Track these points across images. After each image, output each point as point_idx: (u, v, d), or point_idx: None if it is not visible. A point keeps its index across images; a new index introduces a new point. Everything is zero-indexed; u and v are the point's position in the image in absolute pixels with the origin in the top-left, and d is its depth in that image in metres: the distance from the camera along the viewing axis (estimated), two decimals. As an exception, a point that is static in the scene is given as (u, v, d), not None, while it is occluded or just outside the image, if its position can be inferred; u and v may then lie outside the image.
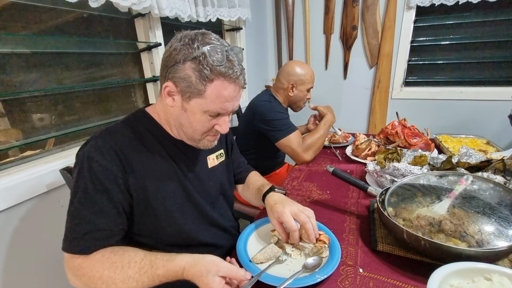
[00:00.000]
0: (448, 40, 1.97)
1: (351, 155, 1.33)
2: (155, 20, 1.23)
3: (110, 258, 0.57)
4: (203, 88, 0.61)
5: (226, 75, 0.61)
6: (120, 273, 0.55)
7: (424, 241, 0.61)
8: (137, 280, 0.55)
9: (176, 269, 0.56)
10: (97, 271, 0.56)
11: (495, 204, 0.71)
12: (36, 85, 0.92)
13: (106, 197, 0.60)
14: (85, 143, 0.65)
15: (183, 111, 0.65)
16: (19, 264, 0.83)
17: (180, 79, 0.61)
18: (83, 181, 0.59)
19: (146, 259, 0.57)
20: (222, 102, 0.63)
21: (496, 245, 0.59)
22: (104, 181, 0.60)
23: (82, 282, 0.57)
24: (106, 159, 0.60)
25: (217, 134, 0.72)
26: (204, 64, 0.59)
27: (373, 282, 0.61)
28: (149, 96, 1.37)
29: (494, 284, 0.51)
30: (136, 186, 0.64)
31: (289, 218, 0.68)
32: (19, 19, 0.88)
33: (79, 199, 0.59)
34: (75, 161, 0.64)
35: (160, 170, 0.69)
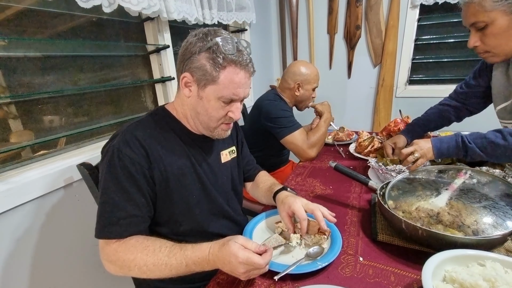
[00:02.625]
0: (452, 38, 1.97)
1: (354, 152, 1.36)
2: (164, 23, 1.28)
3: (144, 243, 0.63)
4: (216, 75, 0.67)
5: (237, 62, 0.67)
6: (151, 256, 0.60)
7: (422, 230, 0.63)
8: (166, 262, 0.59)
9: (203, 249, 0.60)
10: (131, 254, 0.61)
11: (492, 196, 0.73)
12: (51, 87, 0.98)
13: (135, 186, 0.66)
14: (111, 138, 0.71)
15: (199, 99, 0.71)
16: (41, 254, 0.89)
17: (196, 68, 0.67)
18: (114, 171, 0.65)
19: (176, 245, 0.63)
20: (234, 88, 0.69)
21: (491, 234, 0.62)
22: (133, 172, 0.65)
23: (117, 266, 0.63)
24: (134, 151, 0.66)
25: (230, 122, 0.76)
26: (217, 53, 0.65)
27: (372, 270, 0.64)
28: (157, 96, 1.42)
29: (487, 269, 0.53)
30: (159, 177, 0.70)
31: (300, 207, 0.73)
32: (36, 24, 0.93)
33: (111, 189, 0.64)
34: (103, 154, 0.70)
35: (180, 163, 0.74)
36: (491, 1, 0.77)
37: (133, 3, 0.96)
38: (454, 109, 1.20)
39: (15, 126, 0.90)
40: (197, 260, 0.59)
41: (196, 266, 0.60)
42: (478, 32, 0.84)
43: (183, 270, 0.60)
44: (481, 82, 1.09)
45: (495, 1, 0.77)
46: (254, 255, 0.55)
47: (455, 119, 1.23)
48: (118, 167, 0.65)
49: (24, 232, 0.85)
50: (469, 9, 0.83)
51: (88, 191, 0.84)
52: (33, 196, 0.84)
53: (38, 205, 0.87)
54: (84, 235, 1.00)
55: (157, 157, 0.69)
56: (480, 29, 0.83)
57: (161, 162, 0.70)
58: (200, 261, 0.59)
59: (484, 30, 0.83)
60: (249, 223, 0.82)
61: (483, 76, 1.07)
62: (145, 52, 1.33)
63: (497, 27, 0.80)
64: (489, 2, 0.78)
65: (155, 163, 0.69)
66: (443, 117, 1.22)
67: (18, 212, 0.82)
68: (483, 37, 0.84)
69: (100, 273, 1.06)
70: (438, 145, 0.90)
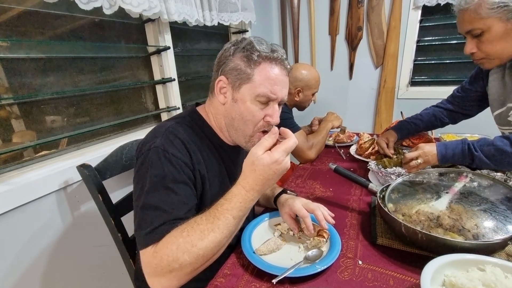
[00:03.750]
0: (455, 39, 1.96)
1: (355, 154, 1.35)
2: (164, 25, 1.29)
3: (178, 229, 0.55)
4: (251, 72, 0.65)
5: (272, 58, 0.66)
6: (193, 233, 0.54)
7: (421, 234, 0.63)
8: (211, 228, 0.54)
9: (236, 192, 0.57)
10: (172, 243, 0.53)
11: (493, 200, 0.72)
12: (52, 88, 0.98)
13: (184, 187, 0.62)
14: (148, 139, 0.65)
15: (233, 103, 0.68)
16: (39, 257, 0.89)
17: (231, 70, 0.67)
18: (160, 172, 0.60)
19: (208, 210, 0.57)
20: (271, 84, 0.66)
21: (491, 238, 0.61)
22: (182, 172, 0.62)
23: (161, 273, 0.53)
24: (180, 151, 0.63)
25: (268, 130, 0.70)
26: (252, 50, 0.65)
27: (371, 273, 0.64)
28: (158, 97, 1.42)
29: (487, 274, 0.53)
30: (199, 181, 0.68)
31: (301, 207, 0.74)
32: (37, 25, 0.94)
33: (158, 191, 0.59)
34: (142, 157, 0.63)
35: (215, 170, 0.73)
36: (486, 9, 0.77)
37: (134, 4, 0.96)
38: (448, 112, 1.22)
39: (17, 126, 0.91)
40: (239, 205, 0.56)
41: (242, 210, 0.57)
42: (474, 39, 0.84)
43: (233, 225, 0.56)
44: (477, 87, 1.10)
45: (491, 8, 0.77)
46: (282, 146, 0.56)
47: (448, 121, 1.24)
48: (165, 167, 0.60)
49: (24, 233, 0.85)
50: (464, 16, 0.83)
51: (88, 193, 0.84)
52: (33, 197, 0.84)
53: (38, 207, 0.87)
54: (84, 236, 1.00)
55: (198, 161, 0.67)
56: (476, 36, 0.83)
57: (201, 166, 0.68)
58: (243, 204, 0.56)
59: (480, 37, 0.83)
60: (248, 225, 0.82)
61: (478, 81, 1.08)
62: (145, 54, 1.33)
63: (493, 34, 0.80)
64: (485, 10, 0.77)
65: (196, 166, 0.66)
66: (436, 118, 1.24)
67: (18, 214, 0.83)
68: (479, 44, 0.84)
69: (101, 273, 1.06)
70: (443, 152, 0.90)
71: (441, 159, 0.90)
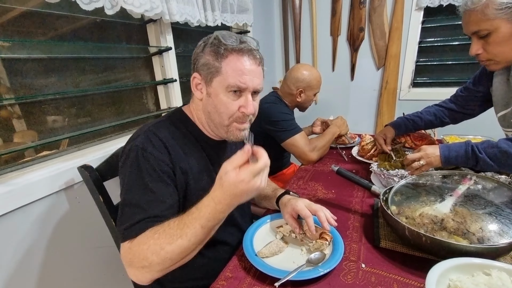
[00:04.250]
0: (457, 41, 1.95)
1: (357, 156, 1.34)
2: (166, 25, 1.28)
3: (152, 229, 0.58)
4: (219, 65, 0.66)
5: (239, 49, 0.66)
6: (163, 237, 0.56)
7: (425, 238, 0.62)
8: (179, 234, 0.55)
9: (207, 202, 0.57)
10: (144, 244, 0.56)
11: (498, 203, 0.71)
12: (53, 88, 0.98)
13: (161, 185, 0.63)
14: (131, 139, 0.69)
15: (208, 97, 0.70)
16: (39, 258, 0.89)
17: (202, 65, 0.69)
18: (138, 171, 0.63)
19: (181, 216, 0.59)
20: (239, 74, 0.66)
21: (497, 242, 0.60)
22: (159, 170, 0.64)
23: (137, 268, 0.57)
24: (158, 150, 0.65)
25: (245, 119, 0.72)
26: (219, 45, 0.66)
27: (375, 277, 0.63)
28: (159, 98, 1.42)
29: (493, 279, 0.52)
30: (180, 179, 0.68)
31: (303, 207, 0.73)
32: (39, 25, 0.93)
33: (134, 189, 0.62)
34: (124, 155, 0.66)
35: (198, 166, 0.73)
36: (493, 9, 0.76)
37: (136, 5, 0.96)
38: (450, 111, 1.22)
39: (18, 126, 0.90)
40: (208, 216, 0.56)
41: (211, 220, 0.57)
42: (480, 40, 0.83)
43: (201, 234, 0.57)
44: (480, 88, 1.09)
45: (498, 9, 0.76)
46: (250, 167, 0.54)
47: (449, 120, 1.24)
48: (143, 167, 0.63)
49: (25, 234, 0.85)
50: (470, 17, 0.81)
51: (88, 194, 0.84)
52: (34, 198, 0.84)
53: (39, 208, 0.87)
54: (84, 237, 1.00)
55: (178, 158, 0.68)
56: (482, 37, 0.82)
57: (182, 163, 0.69)
58: (212, 215, 0.56)
59: (486, 38, 0.82)
60: (250, 227, 0.81)
61: (482, 82, 1.07)
62: (147, 54, 1.33)
63: (500, 35, 0.79)
64: (492, 10, 0.76)
65: (177, 164, 0.67)
66: (436, 117, 1.23)
67: (19, 214, 0.82)
68: (485, 45, 0.83)
69: (102, 274, 1.05)
70: (447, 153, 0.89)
71: (444, 161, 0.89)
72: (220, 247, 0.80)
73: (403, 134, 1.34)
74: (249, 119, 0.73)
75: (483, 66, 0.99)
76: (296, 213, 0.75)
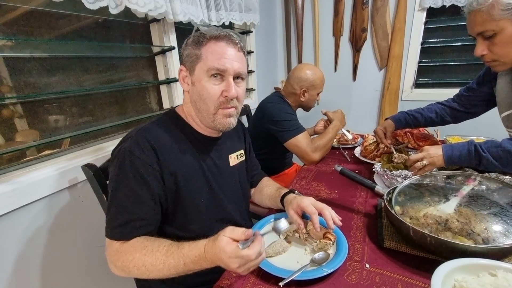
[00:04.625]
0: (460, 41, 1.95)
1: (360, 156, 1.34)
2: (169, 25, 1.29)
3: (143, 243, 0.62)
4: (199, 52, 0.69)
5: (217, 36, 0.69)
6: (149, 256, 0.59)
7: (430, 238, 0.62)
8: (164, 261, 0.58)
9: (199, 246, 0.58)
10: (130, 254, 0.61)
11: (502, 204, 0.71)
12: (57, 87, 0.98)
13: (146, 188, 0.65)
14: (122, 140, 0.71)
15: (193, 86, 0.72)
16: (45, 255, 0.89)
17: (186, 57, 0.72)
18: (124, 174, 0.65)
19: (174, 244, 0.61)
20: (218, 58, 0.68)
21: (502, 242, 0.60)
22: (144, 174, 0.65)
23: (117, 267, 0.62)
24: (145, 153, 0.66)
25: (228, 103, 0.72)
26: (199, 35, 0.70)
27: (379, 277, 0.63)
28: (162, 97, 1.42)
29: (499, 280, 0.52)
30: (169, 179, 0.69)
31: (309, 204, 0.74)
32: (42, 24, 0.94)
33: (121, 191, 0.65)
34: (113, 157, 0.69)
35: (189, 166, 0.74)
36: (499, 10, 0.76)
37: (140, 4, 0.96)
38: (452, 110, 1.23)
39: (20, 125, 0.90)
40: (194, 259, 0.57)
41: (195, 264, 0.57)
42: (486, 40, 0.83)
43: (182, 269, 0.58)
44: (484, 88, 1.09)
45: (504, 9, 0.75)
46: (238, 250, 0.53)
47: (450, 119, 1.24)
48: (129, 170, 0.64)
49: (29, 232, 0.85)
50: (476, 18, 0.81)
51: (92, 192, 0.84)
52: (37, 196, 0.84)
53: (42, 206, 0.87)
54: (88, 236, 1.00)
55: (167, 159, 0.69)
56: (487, 38, 0.82)
57: (171, 164, 0.69)
58: (197, 259, 0.57)
59: (492, 39, 0.81)
60: (253, 226, 0.81)
61: (486, 82, 1.07)
62: (150, 54, 1.33)
63: (506, 36, 0.79)
64: (498, 11, 0.76)
65: (165, 165, 0.68)
66: (437, 115, 1.24)
67: (23, 213, 0.82)
68: (491, 46, 0.83)
69: (104, 273, 1.05)
70: (449, 153, 0.88)
71: (447, 160, 0.89)
72: None
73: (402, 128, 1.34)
74: (234, 104, 0.73)
75: (487, 67, 0.99)
76: (301, 210, 0.76)
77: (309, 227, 0.78)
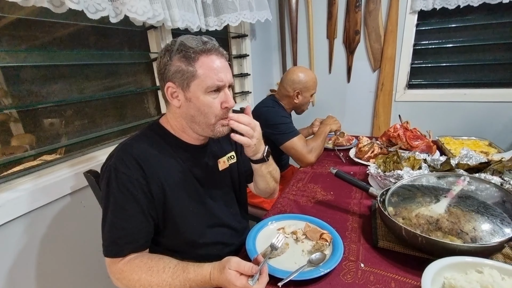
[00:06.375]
0: (451, 43, 2.00)
1: (354, 157, 1.37)
2: (167, 32, 1.31)
3: (148, 263, 0.65)
4: (193, 69, 0.68)
5: (207, 50, 0.69)
6: (156, 277, 0.62)
7: (421, 238, 0.65)
8: (170, 283, 0.62)
9: (205, 273, 0.62)
10: (136, 274, 0.63)
11: (490, 204, 0.75)
12: (58, 95, 1.00)
13: (134, 203, 0.67)
14: (108, 157, 0.72)
15: (189, 103, 0.71)
16: (48, 260, 0.90)
17: (174, 73, 0.69)
18: (112, 191, 0.66)
19: (179, 265, 0.65)
20: (215, 73, 0.69)
21: (488, 241, 0.63)
22: (131, 189, 0.67)
23: (123, 284, 0.65)
24: (130, 169, 0.67)
25: (227, 115, 0.74)
26: (186, 50, 0.67)
27: (373, 276, 0.66)
28: (160, 102, 1.44)
29: (485, 276, 0.55)
30: (157, 192, 0.71)
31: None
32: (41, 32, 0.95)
33: (111, 208, 0.67)
34: (101, 174, 0.71)
35: (176, 176, 0.75)
36: None
37: (139, 13, 0.98)
38: None
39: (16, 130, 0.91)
40: (199, 283, 0.62)
41: (199, 286, 0.63)
42: None
43: None
44: None
45: None
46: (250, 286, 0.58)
47: None
48: (115, 186, 0.66)
49: (33, 239, 0.86)
50: None
51: (94, 198, 0.86)
52: (41, 203, 0.86)
53: (46, 212, 0.89)
54: (91, 241, 1.01)
55: (153, 173, 0.70)
56: None
57: (157, 176, 0.71)
58: (202, 284, 0.62)
59: None
60: (252, 229, 0.84)
61: None
62: (148, 60, 1.35)
63: None
64: None
65: (151, 179, 0.69)
66: None
67: (27, 219, 0.84)
68: None
69: (105, 278, 1.07)
70: None
71: None
72: (214, 246, 0.83)
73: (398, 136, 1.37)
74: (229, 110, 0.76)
75: None
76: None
77: (306, 229, 0.81)
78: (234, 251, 0.86)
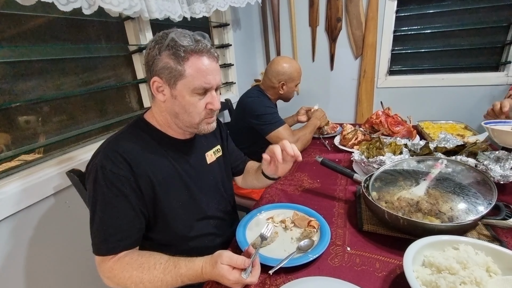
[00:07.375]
0: (430, 29, 2.04)
1: (339, 145, 1.41)
2: (145, 23, 1.26)
3: (138, 260, 0.65)
4: (182, 69, 0.66)
5: (198, 51, 0.67)
6: (147, 273, 0.63)
7: (403, 220, 0.69)
8: (162, 279, 0.62)
9: (196, 268, 0.63)
10: (127, 272, 0.63)
11: (465, 184, 0.79)
12: (33, 92, 0.95)
13: (123, 200, 0.66)
14: (93, 155, 0.70)
15: (174, 99, 0.70)
16: (35, 263, 0.88)
17: (162, 69, 0.67)
18: (100, 189, 0.65)
19: (170, 261, 0.65)
20: (203, 75, 0.68)
21: (464, 220, 0.68)
22: (120, 187, 0.66)
23: (114, 282, 0.65)
24: (117, 166, 0.66)
25: (213, 114, 0.76)
26: (176, 47, 0.66)
27: (359, 258, 0.69)
28: (142, 96, 1.40)
29: (460, 252, 0.59)
30: (146, 188, 0.70)
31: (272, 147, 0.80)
32: (11, 26, 0.90)
33: (100, 206, 0.65)
34: (87, 173, 0.69)
35: (164, 171, 0.74)
36: None
37: (114, 4, 0.94)
38: None
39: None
40: (191, 278, 0.63)
41: (192, 281, 0.64)
42: None
43: (179, 285, 0.63)
44: None
45: None
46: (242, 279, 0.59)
47: None
48: (103, 185, 0.65)
49: (19, 241, 0.84)
50: None
51: (79, 197, 0.84)
52: (24, 205, 0.83)
53: (30, 214, 0.86)
54: (78, 241, 1.00)
55: (141, 168, 0.69)
56: None
57: (145, 172, 0.70)
58: (194, 278, 0.63)
59: None
60: (241, 220, 0.85)
61: None
62: (127, 52, 1.30)
63: None
64: None
65: (139, 175, 0.69)
66: None
67: (11, 222, 0.82)
68: None
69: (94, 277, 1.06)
70: None
71: None
72: (205, 238, 0.84)
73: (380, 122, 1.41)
74: (216, 113, 0.77)
75: None
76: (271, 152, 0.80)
77: (294, 217, 0.83)
78: (225, 242, 0.87)
